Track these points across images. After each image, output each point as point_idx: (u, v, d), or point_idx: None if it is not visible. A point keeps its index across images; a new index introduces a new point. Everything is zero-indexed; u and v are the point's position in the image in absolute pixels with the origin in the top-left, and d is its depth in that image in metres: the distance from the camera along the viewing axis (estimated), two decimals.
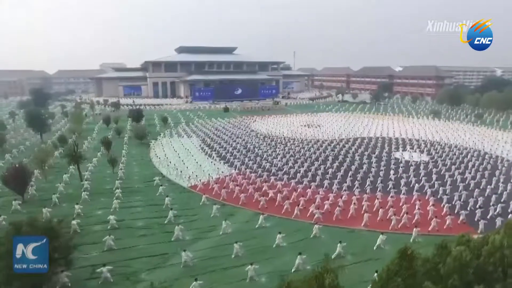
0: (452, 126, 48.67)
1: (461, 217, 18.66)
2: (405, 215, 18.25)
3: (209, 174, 25.25)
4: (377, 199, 20.40)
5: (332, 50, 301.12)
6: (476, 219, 18.40)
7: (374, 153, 32.91)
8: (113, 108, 64.34)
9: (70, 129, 43.30)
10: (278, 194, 21.20)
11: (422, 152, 33.93)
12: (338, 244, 14.86)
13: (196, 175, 25.20)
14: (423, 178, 24.94)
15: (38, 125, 38.41)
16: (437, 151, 33.96)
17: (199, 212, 20.20)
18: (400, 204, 20.11)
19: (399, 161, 30.20)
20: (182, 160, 29.35)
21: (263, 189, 22.78)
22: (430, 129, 45.41)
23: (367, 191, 22.25)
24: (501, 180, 24.67)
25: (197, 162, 28.79)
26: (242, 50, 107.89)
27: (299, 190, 22.77)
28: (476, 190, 22.32)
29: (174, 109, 69.37)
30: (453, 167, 27.70)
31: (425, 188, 22.92)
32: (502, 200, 21.20)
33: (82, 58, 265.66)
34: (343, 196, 21.43)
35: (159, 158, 30.82)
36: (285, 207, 19.84)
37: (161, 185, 23.21)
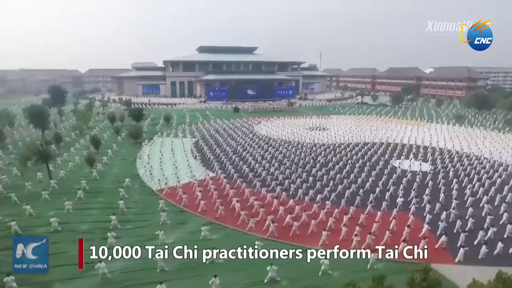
0: (473, 132, 43.83)
1: (439, 242, 15.98)
2: (368, 235, 15.91)
3: (177, 177, 24.15)
4: (346, 214, 18.12)
5: (358, 50, 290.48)
6: (458, 245, 15.63)
7: (370, 161, 30.10)
8: (125, 107, 65.63)
9: (73, 127, 44.41)
10: (237, 203, 19.56)
11: (426, 161, 30.50)
12: (269, 267, 13.02)
13: (166, 178, 24.23)
14: (413, 191, 22.03)
15: (39, 122, 39.56)
16: (443, 160, 30.36)
17: (153, 218, 19.10)
18: (375, 221, 17.75)
19: (395, 171, 27.23)
20: (161, 162, 28.56)
21: (229, 196, 21.34)
22: (444, 135, 41.17)
23: (341, 205, 19.97)
24: (508, 198, 21.22)
25: (174, 165, 27.85)
26: (267, 50, 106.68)
27: (267, 199, 21.08)
28: (470, 209, 19.11)
29: (186, 109, 69.51)
30: (454, 180, 24.28)
31: (411, 204, 20.20)
32: (500, 223, 17.98)
33: (116, 57, 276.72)
34: (313, 209, 19.38)
35: (141, 158, 30.30)
36: (241, 218, 18.24)
37: (122, 188, 22.46)
